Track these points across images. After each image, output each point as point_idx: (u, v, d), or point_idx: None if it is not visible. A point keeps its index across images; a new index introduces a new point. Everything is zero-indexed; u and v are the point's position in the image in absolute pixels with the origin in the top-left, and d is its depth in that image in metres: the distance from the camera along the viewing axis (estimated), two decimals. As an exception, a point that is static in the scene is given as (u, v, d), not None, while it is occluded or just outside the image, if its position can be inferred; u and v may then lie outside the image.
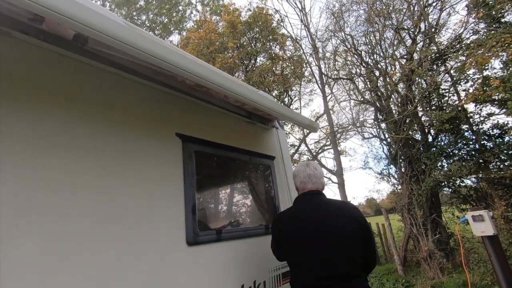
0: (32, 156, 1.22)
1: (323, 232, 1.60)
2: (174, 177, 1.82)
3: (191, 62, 1.53)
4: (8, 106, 1.19)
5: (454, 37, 6.35)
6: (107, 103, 1.60)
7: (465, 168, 5.51)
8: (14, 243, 1.08)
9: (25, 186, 1.16)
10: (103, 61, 1.57)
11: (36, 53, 1.37)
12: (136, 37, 1.22)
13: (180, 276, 1.63)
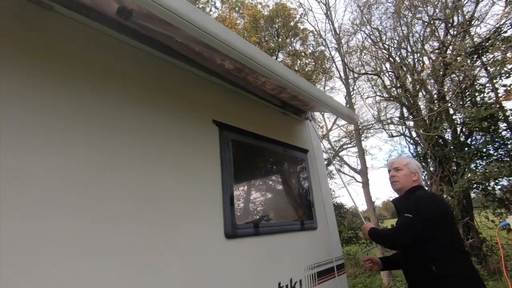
0: (77, 135, 1.15)
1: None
2: (211, 165, 1.74)
3: (245, 43, 1.44)
4: (48, 81, 1.13)
5: (493, 29, 5.93)
6: (148, 85, 1.53)
7: (504, 169, 5.14)
8: (65, 223, 1.02)
9: (78, 168, 1.11)
10: (142, 41, 1.50)
11: (77, 29, 1.30)
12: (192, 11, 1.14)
13: (218, 268, 1.54)
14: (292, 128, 2.68)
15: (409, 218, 1.77)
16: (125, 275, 1.15)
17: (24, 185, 0.96)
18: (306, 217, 2.43)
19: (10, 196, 0.92)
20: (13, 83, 1.03)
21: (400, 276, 6.80)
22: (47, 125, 1.07)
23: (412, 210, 1.78)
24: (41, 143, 1.04)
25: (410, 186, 2.01)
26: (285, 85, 1.79)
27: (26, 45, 1.11)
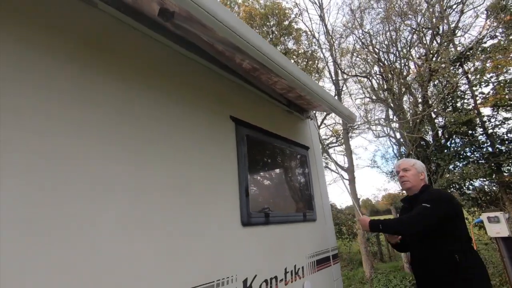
0: (114, 125, 1.25)
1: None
2: (229, 158, 1.86)
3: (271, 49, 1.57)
4: (84, 74, 1.21)
5: (475, 40, 6.35)
6: (176, 82, 1.62)
7: (480, 171, 5.57)
8: (104, 209, 1.12)
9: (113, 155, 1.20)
10: (173, 39, 1.59)
11: (114, 25, 1.38)
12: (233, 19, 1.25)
13: (236, 253, 1.68)
14: (296, 126, 2.84)
15: (426, 208, 1.91)
16: (161, 255, 1.26)
17: (86, 177, 1.06)
18: (307, 209, 2.60)
19: (75, 186, 1.02)
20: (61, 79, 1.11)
21: (381, 269, 7.21)
22: (98, 120, 1.16)
23: (429, 202, 1.94)
24: (93, 140, 1.13)
25: (419, 184, 2.20)
26: (296, 85, 1.93)
27: (72, 41, 1.19)
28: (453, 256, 1.86)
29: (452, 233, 1.93)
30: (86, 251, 1.01)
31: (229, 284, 1.57)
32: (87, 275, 1.00)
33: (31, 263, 0.87)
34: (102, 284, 1.03)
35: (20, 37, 1.02)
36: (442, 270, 1.89)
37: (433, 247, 1.97)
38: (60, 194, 0.99)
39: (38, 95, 1.01)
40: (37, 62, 1.04)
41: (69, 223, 0.99)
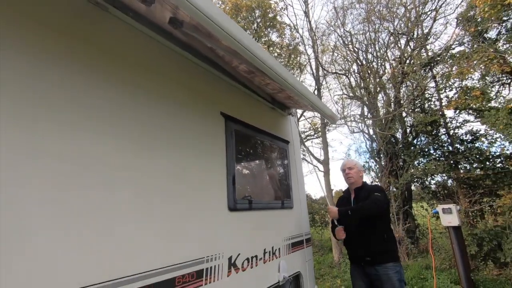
0: (128, 131, 1.42)
1: None
2: (218, 151, 2.07)
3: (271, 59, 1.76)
4: (91, 77, 1.37)
5: (444, 46, 6.88)
6: (174, 82, 1.79)
7: (440, 167, 6.17)
8: (117, 195, 1.31)
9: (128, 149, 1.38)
10: (176, 43, 1.75)
11: (125, 30, 1.52)
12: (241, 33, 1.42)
13: (223, 234, 1.91)
14: (278, 121, 3.08)
15: (379, 196, 2.49)
16: (161, 235, 1.47)
17: (103, 168, 1.24)
18: (285, 198, 2.89)
19: (95, 176, 1.20)
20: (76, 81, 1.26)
21: (349, 254, 7.82)
22: (110, 120, 1.33)
23: (378, 192, 2.54)
24: (101, 140, 1.30)
25: (359, 180, 2.86)
26: (287, 88, 2.13)
27: (83, 42, 1.32)
28: (382, 234, 2.55)
29: (383, 218, 2.58)
30: (103, 228, 1.20)
31: (216, 260, 1.80)
32: (104, 248, 1.19)
33: (61, 236, 1.06)
34: (114, 257, 1.23)
35: (30, 40, 1.15)
36: (375, 244, 2.54)
37: (370, 227, 2.56)
38: (83, 182, 1.16)
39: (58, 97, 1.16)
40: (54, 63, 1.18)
41: (89, 206, 1.17)
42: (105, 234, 1.21)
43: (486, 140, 6.26)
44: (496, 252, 5.50)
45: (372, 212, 2.46)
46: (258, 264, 2.22)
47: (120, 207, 1.29)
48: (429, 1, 7.59)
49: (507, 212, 5.42)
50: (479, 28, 6.76)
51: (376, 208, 2.44)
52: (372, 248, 2.53)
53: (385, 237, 2.54)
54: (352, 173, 2.82)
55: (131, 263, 1.29)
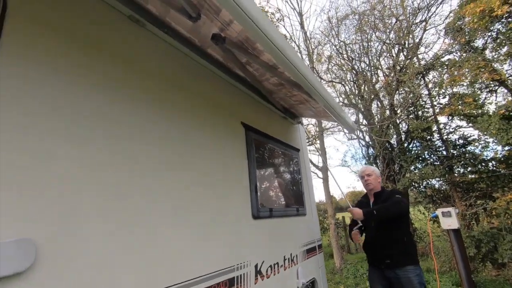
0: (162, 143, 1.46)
1: None
2: (241, 160, 2.12)
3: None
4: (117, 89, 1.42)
5: (435, 56, 7.18)
6: (202, 96, 1.85)
7: (437, 171, 6.36)
8: (158, 203, 1.35)
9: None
10: (207, 59, 1.82)
11: (154, 44, 1.58)
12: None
13: (249, 242, 1.95)
14: (289, 130, 3.16)
15: (400, 198, 2.59)
16: (198, 244, 1.50)
17: (147, 179, 1.27)
18: (299, 205, 2.94)
19: (140, 187, 1.23)
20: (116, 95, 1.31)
21: (350, 260, 7.87)
22: (146, 134, 1.37)
23: (399, 194, 2.66)
24: (148, 151, 1.34)
25: (378, 186, 2.91)
26: (319, 100, 2.10)
27: (120, 57, 1.38)
28: (402, 237, 2.61)
29: (403, 221, 2.66)
30: (146, 234, 1.23)
31: (244, 268, 1.84)
32: (147, 252, 1.22)
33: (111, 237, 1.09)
34: (155, 259, 1.26)
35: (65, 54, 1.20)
36: (395, 247, 2.59)
37: (390, 230, 2.63)
38: (128, 192, 1.20)
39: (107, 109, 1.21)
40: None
41: (135, 213, 1.20)
42: (148, 244, 1.24)
43: (479, 144, 6.51)
44: (493, 253, 5.66)
45: (396, 212, 2.52)
46: (279, 271, 2.25)
47: (160, 218, 1.33)
48: (419, 12, 7.95)
49: (502, 214, 5.61)
50: (467, 38, 7.10)
51: (399, 208, 2.52)
52: (392, 251, 2.58)
53: (405, 240, 2.59)
54: (371, 180, 2.90)
55: (169, 273, 1.31)
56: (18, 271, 0.80)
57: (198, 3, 1.38)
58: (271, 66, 1.71)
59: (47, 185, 0.92)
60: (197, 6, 1.39)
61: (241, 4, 1.11)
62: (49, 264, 0.88)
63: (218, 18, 1.46)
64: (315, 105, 2.52)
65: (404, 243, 2.60)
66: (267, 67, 1.79)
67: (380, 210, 2.55)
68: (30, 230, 0.86)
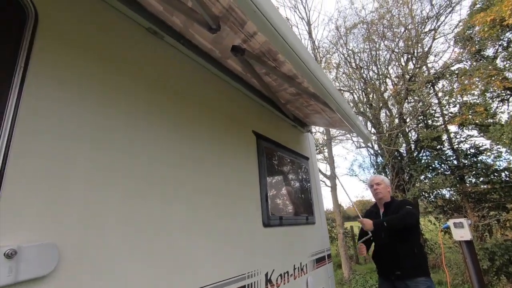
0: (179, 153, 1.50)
1: None
2: (252, 168, 2.14)
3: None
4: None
5: (444, 65, 7.14)
6: (216, 105, 1.89)
7: (447, 181, 6.25)
8: (175, 212, 1.37)
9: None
10: (224, 70, 1.88)
11: (173, 57, 1.63)
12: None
13: (259, 250, 1.95)
14: (298, 139, 3.18)
15: (411, 209, 2.57)
16: (207, 248, 1.51)
17: (165, 189, 1.31)
18: (309, 214, 2.93)
19: (158, 198, 1.26)
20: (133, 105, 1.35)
21: (359, 270, 7.72)
22: (168, 140, 1.41)
23: (409, 205, 2.63)
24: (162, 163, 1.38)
25: (387, 195, 2.89)
26: (338, 111, 2.08)
27: (140, 69, 1.43)
28: (412, 248, 2.56)
29: (414, 232, 2.61)
30: (163, 242, 1.25)
31: (255, 276, 1.84)
32: (164, 258, 1.24)
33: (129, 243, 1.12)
34: (172, 265, 1.28)
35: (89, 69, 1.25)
36: (406, 258, 2.56)
37: (401, 241, 2.60)
38: (148, 200, 1.23)
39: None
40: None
41: (154, 221, 1.23)
42: (165, 251, 1.26)
43: (492, 154, 6.39)
44: (508, 266, 5.48)
45: (407, 223, 2.50)
46: (289, 280, 2.24)
47: (177, 226, 1.35)
48: (428, 21, 7.95)
49: (517, 226, 5.46)
50: (477, 47, 7.06)
51: (410, 220, 2.49)
52: (403, 263, 2.54)
53: (416, 251, 2.55)
54: (380, 189, 2.88)
55: (188, 279, 1.33)
56: (40, 275, 0.83)
57: (224, 16, 1.43)
58: (290, 76, 1.74)
59: (70, 191, 0.96)
60: (221, 18, 1.44)
61: (268, 16, 1.14)
62: (70, 269, 0.91)
63: (242, 30, 1.50)
64: (331, 115, 2.54)
65: (415, 254, 2.56)
66: (285, 77, 1.83)
67: (390, 222, 2.54)
68: (53, 235, 0.89)
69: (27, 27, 0.97)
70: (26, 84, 0.90)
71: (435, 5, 7.81)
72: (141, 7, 1.40)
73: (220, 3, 1.37)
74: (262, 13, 1.11)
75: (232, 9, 1.39)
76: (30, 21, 0.98)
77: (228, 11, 1.41)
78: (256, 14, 1.10)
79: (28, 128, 0.89)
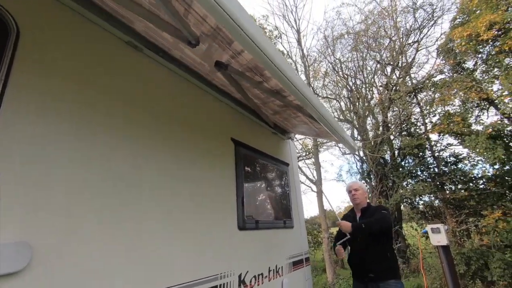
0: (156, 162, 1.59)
1: None
2: (229, 174, 2.24)
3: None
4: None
5: (427, 76, 7.45)
6: (195, 114, 2.00)
7: (427, 188, 6.48)
8: (156, 212, 1.46)
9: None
10: (201, 80, 1.99)
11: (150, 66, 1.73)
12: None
13: (233, 252, 2.04)
14: (279, 145, 3.30)
15: (386, 213, 2.71)
16: (179, 249, 1.60)
17: (143, 193, 1.40)
18: (287, 218, 3.04)
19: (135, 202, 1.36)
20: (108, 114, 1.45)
21: (342, 275, 7.85)
22: (147, 151, 1.50)
23: (384, 209, 2.77)
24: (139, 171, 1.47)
25: (364, 201, 3.04)
26: (323, 123, 2.21)
27: (120, 81, 1.52)
28: (386, 252, 2.71)
29: (387, 236, 2.75)
30: (137, 241, 1.34)
31: (228, 277, 1.93)
32: (137, 257, 1.33)
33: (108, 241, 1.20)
34: (145, 266, 1.36)
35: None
36: (379, 261, 2.69)
37: (375, 245, 2.73)
38: (125, 201, 1.32)
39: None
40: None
41: (129, 221, 1.32)
42: (138, 249, 1.34)
43: (469, 162, 6.67)
44: (483, 271, 5.70)
45: (383, 227, 2.65)
46: (263, 282, 2.33)
47: (152, 226, 1.44)
48: (411, 33, 8.28)
49: (491, 231, 5.69)
50: (458, 59, 7.38)
51: (385, 224, 2.65)
52: (376, 265, 2.68)
53: (388, 255, 2.69)
54: (358, 194, 3.03)
55: (159, 277, 1.41)
56: (13, 271, 0.91)
57: (212, 34, 1.52)
58: (277, 90, 1.86)
59: (46, 193, 1.04)
60: (209, 36, 1.52)
61: (253, 38, 1.23)
62: (43, 266, 0.99)
63: (230, 48, 1.60)
64: (318, 126, 2.67)
65: (388, 258, 2.71)
66: (272, 91, 1.94)
67: (368, 224, 2.67)
68: (27, 234, 0.97)
69: (9, 42, 1.06)
70: (5, 97, 0.99)
71: (419, 18, 8.15)
72: (120, 22, 1.50)
73: (208, 23, 1.45)
74: (247, 35, 1.21)
75: (220, 29, 1.48)
76: (12, 36, 1.07)
77: (216, 30, 1.48)
78: (242, 36, 1.20)
79: (7, 134, 0.97)
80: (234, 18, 1.11)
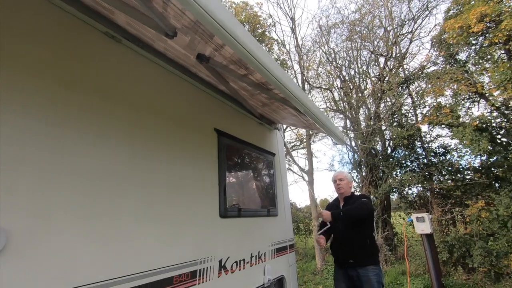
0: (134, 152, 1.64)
1: None
2: (212, 163, 2.29)
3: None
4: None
5: (419, 66, 7.47)
6: (178, 105, 2.03)
7: (415, 178, 6.63)
8: (128, 202, 1.52)
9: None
10: (185, 72, 2.01)
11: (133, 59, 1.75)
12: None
13: (214, 239, 2.13)
14: (265, 136, 3.35)
15: (366, 201, 2.83)
16: (161, 238, 1.67)
17: (118, 182, 1.45)
18: (271, 206, 3.13)
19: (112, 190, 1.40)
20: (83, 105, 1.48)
21: (331, 261, 8.09)
22: (116, 135, 1.54)
23: (365, 198, 2.89)
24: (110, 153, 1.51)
25: (349, 190, 3.15)
26: (309, 116, 2.24)
27: (96, 72, 1.55)
28: (365, 239, 2.83)
29: (367, 224, 2.86)
30: (113, 227, 1.40)
31: (208, 262, 2.01)
32: (113, 242, 1.39)
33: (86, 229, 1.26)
34: (120, 249, 1.43)
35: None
36: (359, 248, 2.81)
37: (355, 233, 2.85)
38: (99, 187, 1.37)
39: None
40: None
41: (104, 208, 1.37)
42: (114, 235, 1.41)
43: (456, 153, 6.80)
44: (465, 258, 5.92)
45: (362, 214, 2.75)
46: (245, 267, 2.43)
47: (125, 213, 1.50)
48: (405, 23, 8.24)
49: (474, 221, 5.88)
50: (451, 50, 7.40)
51: (364, 211, 2.76)
52: (356, 252, 2.81)
53: (368, 242, 2.83)
54: (343, 184, 3.14)
55: (134, 262, 1.48)
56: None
57: (193, 28, 1.51)
58: (262, 83, 1.89)
59: (19, 179, 1.09)
60: (190, 29, 1.52)
61: (232, 32, 1.23)
62: (18, 249, 1.05)
63: (211, 41, 1.61)
64: (306, 118, 2.72)
65: (367, 245, 2.83)
66: (256, 84, 1.97)
67: (346, 212, 2.77)
68: (2, 220, 1.02)
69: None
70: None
71: (413, 8, 8.10)
72: (97, 13, 1.51)
73: (187, 16, 1.44)
74: (225, 30, 1.20)
75: (200, 23, 1.46)
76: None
77: (196, 24, 1.47)
78: (220, 31, 1.19)
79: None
80: (210, 13, 1.12)
